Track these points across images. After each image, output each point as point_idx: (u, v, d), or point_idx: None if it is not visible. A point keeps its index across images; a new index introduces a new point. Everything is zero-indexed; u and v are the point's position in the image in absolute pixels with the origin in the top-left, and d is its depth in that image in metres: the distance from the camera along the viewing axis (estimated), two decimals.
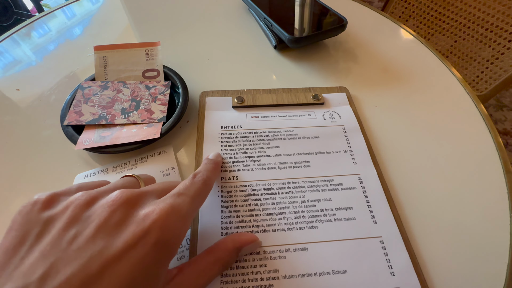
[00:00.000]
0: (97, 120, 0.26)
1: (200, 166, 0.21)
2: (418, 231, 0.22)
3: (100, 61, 0.29)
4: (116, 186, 0.17)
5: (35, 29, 0.41)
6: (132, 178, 0.19)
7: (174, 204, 0.15)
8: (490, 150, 0.27)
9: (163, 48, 0.37)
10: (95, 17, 0.43)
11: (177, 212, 0.15)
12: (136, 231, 0.13)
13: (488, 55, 0.73)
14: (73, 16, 0.44)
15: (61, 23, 0.42)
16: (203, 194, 0.18)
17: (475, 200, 0.24)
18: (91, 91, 0.28)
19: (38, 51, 0.37)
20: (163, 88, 0.29)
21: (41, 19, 0.42)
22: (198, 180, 0.18)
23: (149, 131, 0.25)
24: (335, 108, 0.29)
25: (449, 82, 0.34)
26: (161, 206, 0.15)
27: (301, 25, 0.35)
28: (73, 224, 0.13)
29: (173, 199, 0.16)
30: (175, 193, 0.16)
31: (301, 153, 0.26)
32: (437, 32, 0.82)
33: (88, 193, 0.15)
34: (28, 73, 0.34)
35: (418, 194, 0.24)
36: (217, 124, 0.27)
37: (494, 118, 1.34)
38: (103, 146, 0.23)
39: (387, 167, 0.26)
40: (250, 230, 0.21)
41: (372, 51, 0.38)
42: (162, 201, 0.15)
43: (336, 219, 0.22)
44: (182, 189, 0.17)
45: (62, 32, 0.40)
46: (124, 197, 0.15)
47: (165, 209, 0.14)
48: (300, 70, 0.35)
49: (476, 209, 0.23)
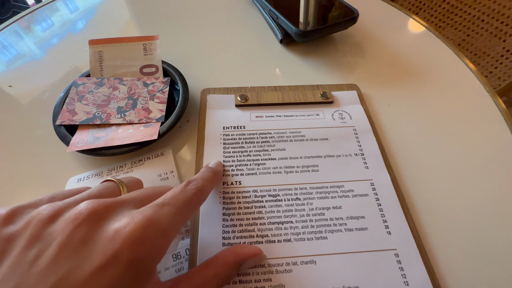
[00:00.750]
0: (92, 120, 0.24)
1: (197, 174, 0.19)
2: (437, 243, 0.20)
3: (95, 56, 0.28)
4: (90, 194, 0.15)
5: (30, 22, 0.39)
6: (111, 183, 0.17)
7: (153, 216, 0.13)
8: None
9: (163, 43, 0.35)
10: (94, 10, 0.41)
11: (156, 225, 0.13)
12: (106, 250, 0.12)
13: (503, 49, 0.70)
14: (74, 9, 0.42)
15: (58, 15, 0.40)
16: (194, 205, 0.16)
17: (499, 208, 0.22)
18: (86, 88, 0.26)
19: (32, 45, 0.35)
20: (162, 85, 0.27)
21: (37, 11, 0.40)
22: (191, 189, 0.16)
23: (146, 132, 0.23)
24: (345, 107, 0.28)
25: (466, 78, 0.32)
26: (136, 219, 0.13)
27: (309, 18, 0.32)
28: (34, 242, 0.12)
29: (154, 210, 0.14)
30: (159, 203, 0.14)
31: (309, 156, 0.24)
32: (449, 25, 0.79)
33: (52, 206, 0.13)
34: (21, 68, 0.32)
35: (436, 202, 0.22)
36: (219, 124, 0.26)
37: None
38: (97, 148, 0.22)
39: (401, 172, 0.24)
40: (254, 240, 0.20)
41: (383, 45, 0.35)
42: (139, 212, 0.13)
43: (347, 229, 0.20)
44: (169, 198, 0.15)
45: (58, 25, 0.39)
46: (90, 209, 0.13)
47: (141, 222, 0.13)
48: (307, 66, 0.33)
49: (501, 219, 0.21)
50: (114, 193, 0.16)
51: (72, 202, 0.14)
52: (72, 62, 0.32)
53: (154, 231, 0.13)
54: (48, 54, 0.34)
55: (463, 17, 0.76)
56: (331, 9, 0.34)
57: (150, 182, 0.21)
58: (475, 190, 0.23)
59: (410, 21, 0.39)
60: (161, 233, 0.13)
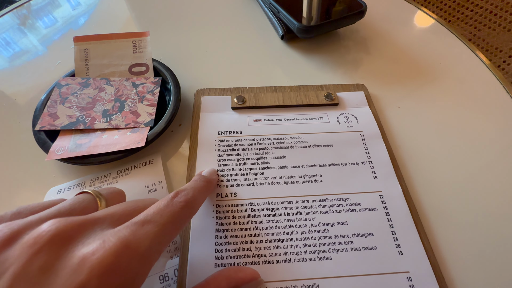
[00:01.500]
0: (74, 124, 0.22)
1: (188, 183, 0.17)
2: (455, 265, 0.18)
3: (81, 54, 0.25)
4: (59, 211, 0.13)
5: (16, 17, 0.37)
6: (87, 196, 0.14)
7: (129, 239, 0.11)
8: None
9: (154, 39, 0.32)
10: (88, 6, 0.39)
11: (133, 249, 0.11)
12: (69, 282, 0.10)
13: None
14: (62, 4, 0.40)
15: (46, 11, 0.38)
16: (182, 221, 0.14)
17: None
18: (70, 89, 0.24)
19: (16, 41, 0.33)
20: (152, 86, 0.25)
21: (25, 5, 0.38)
22: (179, 201, 0.14)
23: (133, 138, 0.21)
24: (351, 110, 0.25)
25: (484, 77, 0.29)
26: (108, 244, 0.11)
27: (312, 12, 0.30)
28: None
29: (132, 230, 0.12)
30: (139, 220, 0.12)
31: (312, 164, 0.22)
32: (459, 19, 0.75)
33: (10, 226, 0.11)
34: (5, 67, 0.30)
35: (455, 217, 0.20)
36: (214, 128, 0.24)
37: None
38: (79, 157, 0.20)
39: (414, 183, 0.22)
40: (250, 261, 0.18)
41: (392, 41, 0.33)
42: (113, 234, 0.11)
43: (353, 249, 0.18)
44: (152, 213, 0.13)
45: (45, 22, 0.36)
46: (54, 231, 0.11)
47: (113, 247, 0.11)
48: (310, 64, 0.30)
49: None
50: (89, 208, 0.14)
51: (35, 220, 0.12)
52: (58, 61, 0.30)
53: (129, 257, 0.11)
54: (34, 51, 0.32)
55: (474, 10, 0.72)
56: (336, 2, 0.31)
57: (137, 194, 0.19)
58: (500, 202, 0.21)
59: (420, 13, 0.37)
60: (139, 259, 0.11)
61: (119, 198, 0.16)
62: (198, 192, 0.16)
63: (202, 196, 0.17)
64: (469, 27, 0.75)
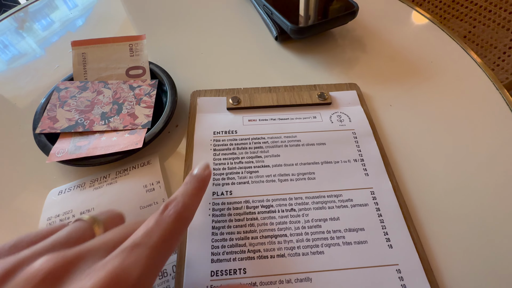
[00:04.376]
0: (74, 127, 0.23)
1: (179, 188, 0.16)
2: (443, 258, 0.19)
3: (79, 58, 0.26)
4: (54, 243, 0.13)
5: (13, 21, 0.37)
6: (82, 224, 0.14)
7: (118, 270, 0.11)
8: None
9: (152, 42, 0.33)
10: (86, 9, 0.40)
11: (123, 281, 0.11)
12: None
13: (510, 41, 0.67)
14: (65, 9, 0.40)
15: (45, 15, 0.39)
16: (175, 235, 0.13)
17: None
18: (68, 93, 0.25)
19: (15, 45, 0.34)
20: (149, 89, 0.26)
21: (24, 9, 0.39)
22: (168, 216, 0.13)
23: (131, 140, 0.22)
24: (344, 109, 0.26)
25: (473, 74, 0.30)
26: (95, 279, 0.10)
27: (305, 13, 0.31)
28: None
29: (120, 259, 0.11)
30: (127, 246, 0.12)
31: (305, 163, 0.22)
32: (454, 17, 0.76)
33: (4, 263, 0.11)
34: (4, 70, 0.31)
35: (443, 212, 0.21)
36: (209, 129, 0.24)
37: None
38: (79, 158, 0.21)
39: (404, 179, 0.22)
40: (245, 256, 0.18)
41: (385, 40, 0.33)
42: (102, 267, 0.11)
43: (345, 243, 0.19)
44: (140, 236, 0.12)
45: (43, 24, 0.37)
46: (47, 270, 0.11)
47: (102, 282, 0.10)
48: (304, 64, 0.31)
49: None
50: (86, 236, 0.14)
51: (29, 256, 0.12)
52: (57, 64, 0.31)
53: None
54: (34, 55, 0.33)
55: (469, 7, 0.73)
56: (329, 3, 0.32)
57: (135, 194, 0.20)
58: (487, 198, 0.21)
59: (414, 13, 0.37)
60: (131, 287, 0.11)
61: (117, 221, 0.16)
62: (189, 197, 0.15)
63: (195, 199, 0.16)
64: (465, 24, 0.75)
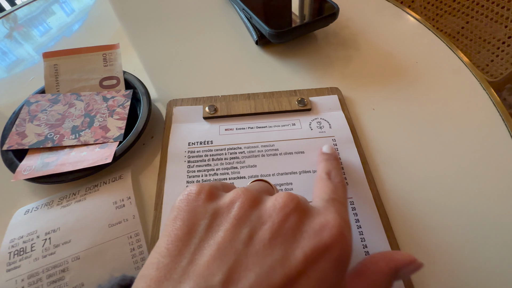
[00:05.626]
0: (43, 143, 0.22)
1: (322, 163, 0.19)
2: (427, 273, 0.18)
3: (51, 70, 0.25)
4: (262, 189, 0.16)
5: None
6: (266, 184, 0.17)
7: (342, 214, 0.14)
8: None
9: (127, 51, 0.32)
10: (55, 18, 0.39)
11: (346, 222, 0.14)
12: (316, 244, 0.12)
13: (504, 36, 0.66)
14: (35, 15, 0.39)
15: (19, 24, 0.38)
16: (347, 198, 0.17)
17: (502, 228, 0.20)
18: (39, 106, 0.24)
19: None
20: (123, 99, 0.25)
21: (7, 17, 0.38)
22: (339, 182, 0.17)
23: (101, 154, 0.21)
24: (324, 115, 0.25)
25: (462, 77, 0.29)
26: (333, 217, 0.13)
27: (284, 16, 0.30)
28: (243, 223, 0.12)
29: (336, 207, 0.14)
30: (331, 199, 0.15)
31: (282, 173, 0.22)
32: (446, 12, 0.75)
33: (249, 192, 0.14)
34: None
35: (427, 220, 0.20)
36: (184, 139, 0.23)
37: (508, 102, 1.27)
38: (47, 176, 0.20)
39: (386, 187, 0.22)
40: None
41: (369, 42, 0.32)
42: (328, 210, 0.14)
43: None
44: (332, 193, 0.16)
45: (19, 34, 0.36)
46: (296, 203, 0.13)
47: (339, 220, 0.13)
48: (285, 68, 0.30)
49: (506, 242, 0.19)
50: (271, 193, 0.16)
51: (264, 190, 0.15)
52: (32, 76, 0.30)
53: (347, 228, 0.13)
54: (8, 68, 0.32)
55: (461, 3, 0.72)
56: (309, 6, 0.31)
57: (104, 212, 0.19)
58: (478, 207, 0.20)
59: (400, 12, 0.36)
60: (350, 229, 0.14)
61: None
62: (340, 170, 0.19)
63: None
64: (457, 20, 0.74)
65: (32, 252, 0.18)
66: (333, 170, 0.18)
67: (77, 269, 0.17)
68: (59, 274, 0.17)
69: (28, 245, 0.18)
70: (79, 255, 0.18)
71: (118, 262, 0.18)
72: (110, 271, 0.18)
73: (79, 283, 0.17)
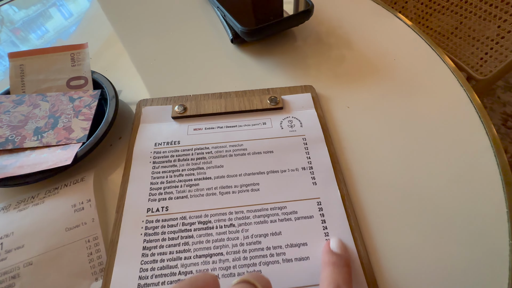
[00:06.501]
0: (3, 145, 0.21)
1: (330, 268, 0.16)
2: (392, 273, 0.17)
3: (16, 70, 0.25)
4: None
5: None
6: None
7: None
8: (489, 162, 0.22)
9: (99, 50, 0.32)
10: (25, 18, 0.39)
11: None
12: None
13: (493, 33, 0.66)
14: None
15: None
16: None
17: (468, 226, 0.19)
18: (2, 108, 0.23)
19: None
20: (90, 100, 0.24)
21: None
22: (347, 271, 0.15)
23: (61, 156, 0.20)
24: (296, 113, 0.24)
25: (440, 74, 0.28)
26: None
27: (258, 14, 0.29)
28: None
29: None
30: None
31: (250, 173, 0.21)
32: (436, 11, 0.75)
33: None
34: None
35: (394, 221, 0.19)
36: (151, 140, 0.23)
37: (502, 100, 1.27)
38: (4, 178, 0.19)
39: (357, 186, 0.21)
40: (176, 278, 0.17)
41: (347, 40, 0.32)
42: None
43: (285, 260, 0.18)
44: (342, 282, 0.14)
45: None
46: None
47: None
48: (260, 67, 0.30)
49: (469, 238, 0.18)
50: None
51: None
52: (1, 78, 0.30)
53: None
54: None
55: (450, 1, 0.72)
56: (284, 3, 0.30)
57: (62, 215, 0.19)
58: (446, 206, 0.20)
59: (379, 9, 0.36)
60: None
61: None
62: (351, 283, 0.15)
63: None
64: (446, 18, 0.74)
65: None
66: (344, 285, 0.14)
67: (29, 275, 0.17)
68: (9, 281, 0.16)
69: None
70: (31, 260, 0.17)
71: (74, 267, 0.17)
72: (65, 276, 0.17)
73: None
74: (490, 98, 1.25)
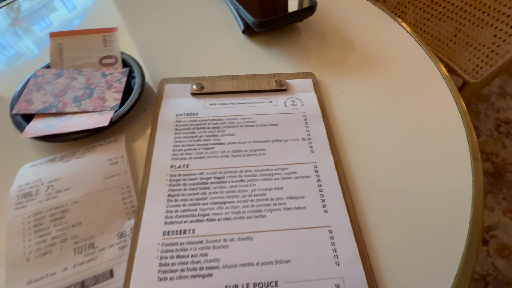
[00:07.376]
0: (48, 109, 0.25)
1: None
2: (373, 221, 0.21)
3: (55, 48, 0.28)
4: None
5: (5, 17, 0.40)
6: None
7: None
8: (461, 143, 0.26)
9: (127, 34, 0.36)
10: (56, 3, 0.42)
11: None
12: None
13: (485, 39, 0.70)
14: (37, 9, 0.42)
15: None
16: None
17: (437, 191, 0.23)
18: (44, 79, 0.27)
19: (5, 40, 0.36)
20: (120, 76, 0.28)
21: (14, 6, 0.41)
22: None
23: (98, 120, 0.24)
24: (298, 95, 0.28)
25: (425, 67, 0.32)
26: None
27: (268, 8, 0.33)
28: None
29: None
30: None
31: (257, 141, 0.25)
32: (433, 16, 0.79)
33: None
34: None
35: (378, 184, 0.23)
36: (173, 111, 0.27)
37: (496, 107, 1.30)
38: (50, 135, 0.23)
39: (348, 155, 0.25)
40: (195, 219, 0.21)
41: (346, 35, 0.36)
42: None
43: (286, 208, 0.21)
44: None
45: (25, 18, 0.39)
46: None
47: None
48: (268, 55, 0.33)
49: (438, 201, 0.22)
50: None
51: None
52: (39, 54, 0.33)
53: None
54: (13, 46, 0.35)
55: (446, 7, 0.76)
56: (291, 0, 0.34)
57: (100, 166, 0.22)
58: (417, 173, 0.24)
59: (378, 11, 0.40)
60: None
61: None
62: None
63: None
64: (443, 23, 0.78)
65: (37, 195, 0.21)
66: None
67: (75, 210, 0.20)
68: (60, 214, 0.20)
69: (34, 190, 0.21)
70: (77, 199, 0.21)
71: (111, 208, 0.21)
72: (104, 214, 0.21)
73: (77, 222, 0.20)
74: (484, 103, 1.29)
